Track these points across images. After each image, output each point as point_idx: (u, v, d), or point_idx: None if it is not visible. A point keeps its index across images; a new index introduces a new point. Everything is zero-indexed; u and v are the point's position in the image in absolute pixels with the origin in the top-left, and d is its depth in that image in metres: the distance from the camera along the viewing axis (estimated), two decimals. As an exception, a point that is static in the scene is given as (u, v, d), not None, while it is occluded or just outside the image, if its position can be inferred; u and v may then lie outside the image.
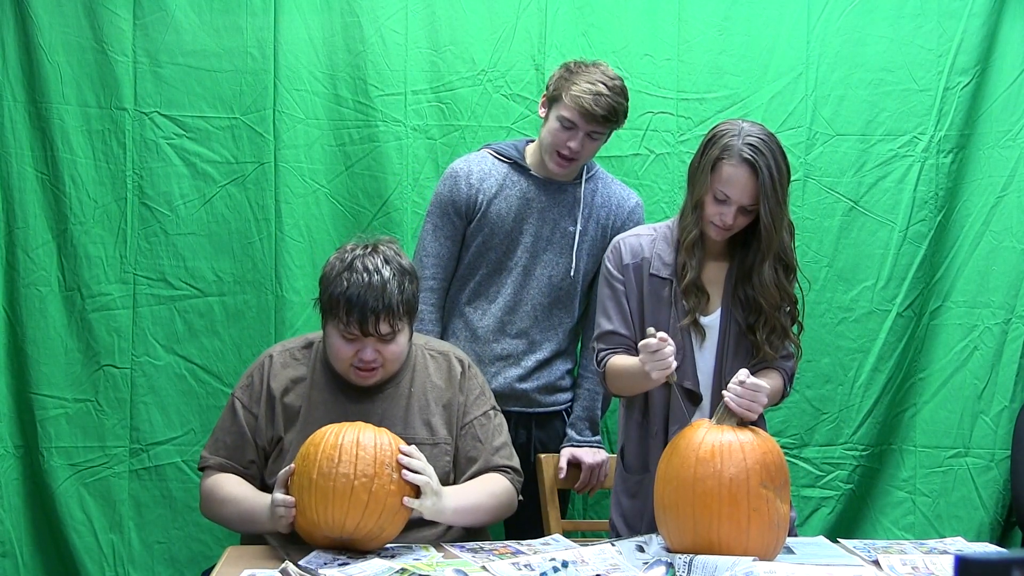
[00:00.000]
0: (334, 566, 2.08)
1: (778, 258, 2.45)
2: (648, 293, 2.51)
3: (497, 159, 2.94)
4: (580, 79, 2.76)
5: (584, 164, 2.90)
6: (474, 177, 2.90)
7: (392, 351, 2.41)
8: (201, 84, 3.14)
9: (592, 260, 2.93)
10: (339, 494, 2.12)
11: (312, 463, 2.15)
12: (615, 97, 2.76)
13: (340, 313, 2.35)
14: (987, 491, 3.27)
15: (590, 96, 2.73)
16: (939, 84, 3.28)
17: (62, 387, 3.10)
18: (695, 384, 2.49)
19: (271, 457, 2.44)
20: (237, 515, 2.37)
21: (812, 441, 3.29)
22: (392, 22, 3.19)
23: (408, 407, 2.47)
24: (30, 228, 3.09)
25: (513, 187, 2.91)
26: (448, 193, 2.91)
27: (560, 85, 2.79)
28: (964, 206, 3.31)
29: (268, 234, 3.16)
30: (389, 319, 2.36)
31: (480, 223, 2.89)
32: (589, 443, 2.91)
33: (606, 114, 2.75)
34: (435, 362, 2.53)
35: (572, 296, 2.94)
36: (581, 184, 2.92)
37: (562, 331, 2.95)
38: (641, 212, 2.99)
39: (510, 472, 2.49)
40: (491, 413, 2.53)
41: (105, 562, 3.10)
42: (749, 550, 2.10)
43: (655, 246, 2.53)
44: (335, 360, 2.43)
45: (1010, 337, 3.29)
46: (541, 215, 2.90)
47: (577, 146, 2.79)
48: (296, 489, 2.18)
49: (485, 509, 2.40)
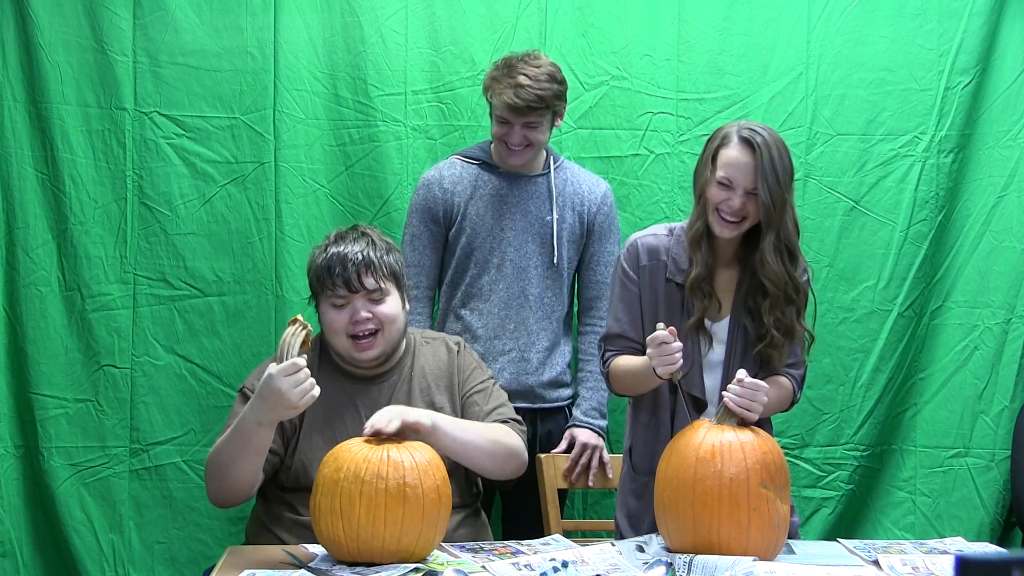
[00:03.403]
0: (347, 569, 2.07)
1: (782, 243, 2.43)
2: (663, 296, 2.51)
3: (465, 162, 3.00)
4: (503, 77, 2.85)
5: (540, 150, 2.95)
6: (446, 182, 2.96)
7: (384, 312, 2.44)
8: (201, 84, 3.14)
9: (573, 247, 3.00)
10: (412, 506, 2.07)
11: (361, 479, 2.07)
12: (538, 85, 2.82)
13: (326, 280, 2.42)
14: (987, 491, 3.26)
15: (511, 91, 2.81)
16: (940, 84, 3.28)
17: (62, 387, 3.10)
18: (701, 392, 2.48)
19: (288, 450, 2.43)
20: (227, 440, 2.29)
21: (813, 441, 3.29)
22: (392, 22, 3.19)
23: (411, 390, 2.51)
24: (30, 228, 3.09)
25: (486, 186, 2.96)
26: (422, 202, 2.97)
27: (488, 87, 2.90)
28: (964, 206, 3.31)
29: (268, 234, 3.16)
30: (372, 273, 2.42)
31: (461, 226, 2.95)
32: (590, 426, 2.94)
33: (531, 104, 2.81)
34: (431, 347, 2.60)
35: (560, 284, 2.98)
36: (551, 174, 2.98)
37: (555, 320, 2.99)
38: (611, 196, 3.05)
39: (508, 422, 2.52)
40: (489, 383, 2.59)
41: (105, 562, 3.10)
42: (749, 550, 2.10)
43: (672, 250, 2.53)
44: (333, 336, 2.45)
45: (1010, 337, 3.29)
46: (518, 208, 2.96)
47: (517, 138, 2.87)
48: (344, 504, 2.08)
49: (477, 446, 2.40)
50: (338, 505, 2.07)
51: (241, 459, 2.29)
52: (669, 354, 2.28)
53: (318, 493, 2.12)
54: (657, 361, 2.30)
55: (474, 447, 2.40)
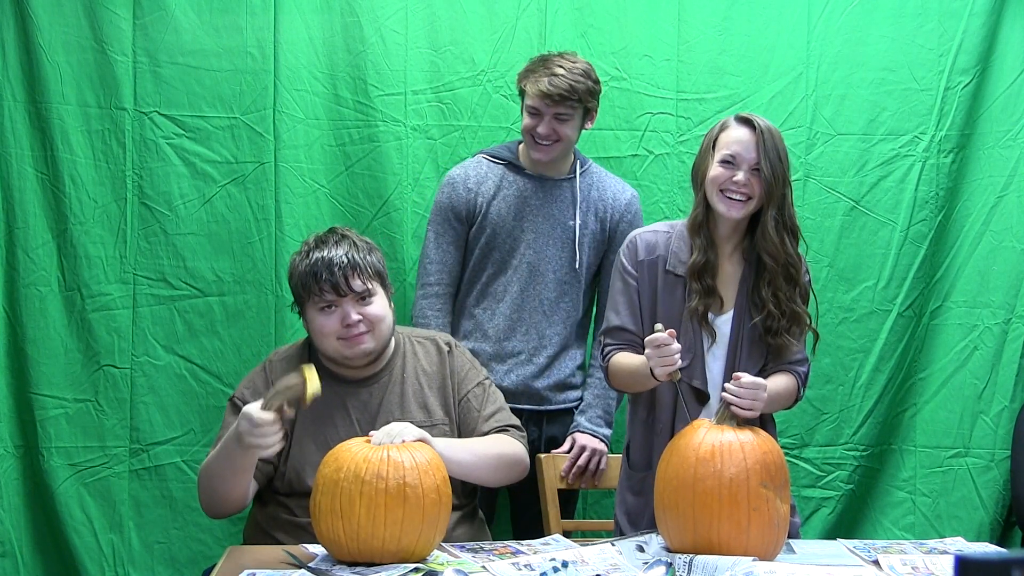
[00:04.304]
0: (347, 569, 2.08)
1: (784, 219, 2.46)
2: (662, 289, 2.52)
3: (492, 161, 3.00)
4: (539, 67, 2.88)
5: (567, 150, 2.95)
6: (471, 181, 2.96)
7: (373, 312, 2.43)
8: (201, 84, 3.14)
9: (594, 253, 2.98)
10: (412, 506, 2.07)
11: (361, 479, 2.06)
12: (573, 77, 2.84)
13: (312, 285, 2.41)
14: (987, 491, 3.26)
15: (546, 79, 2.83)
16: (940, 84, 3.28)
17: (62, 387, 3.09)
18: (703, 383, 2.49)
19: (281, 456, 2.43)
20: (214, 467, 2.31)
21: (812, 441, 3.29)
22: (392, 22, 3.19)
23: (403, 393, 2.50)
24: (30, 228, 3.09)
25: (510, 187, 2.95)
26: (447, 200, 2.97)
27: (523, 77, 2.92)
28: (964, 206, 3.31)
29: (268, 234, 3.15)
30: (359, 275, 2.42)
31: (482, 225, 2.94)
32: (594, 433, 2.93)
33: (564, 93, 2.82)
34: (422, 347, 2.59)
35: (577, 290, 2.98)
36: (576, 179, 2.97)
37: (569, 325, 2.98)
38: (638, 205, 3.04)
39: (508, 430, 2.52)
40: (484, 383, 2.59)
41: (105, 562, 3.10)
42: (749, 550, 2.10)
43: (672, 244, 2.54)
44: (323, 340, 2.44)
45: (1010, 337, 3.29)
46: (540, 211, 2.95)
47: (546, 130, 2.87)
48: (344, 504, 2.07)
49: (478, 466, 2.41)
50: (338, 505, 2.07)
51: (228, 477, 2.32)
52: (668, 355, 2.29)
53: (318, 493, 2.12)
54: (655, 362, 2.31)
55: (476, 467, 2.41)
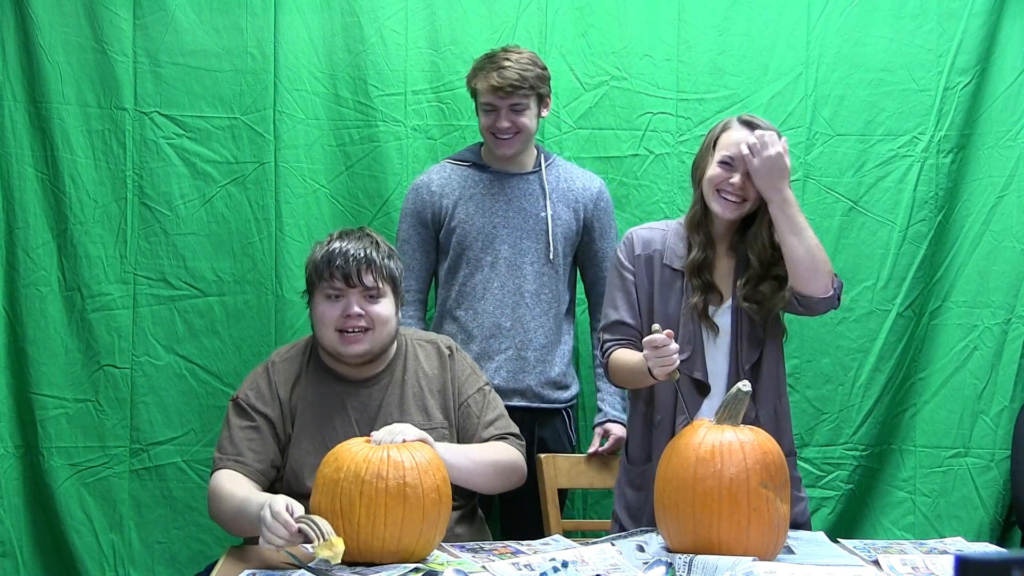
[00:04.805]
0: (347, 569, 2.07)
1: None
2: (659, 284, 2.54)
3: (455, 164, 3.03)
4: (485, 64, 2.92)
5: (529, 140, 2.97)
6: (434, 186, 2.99)
7: (377, 312, 2.43)
8: (201, 84, 3.14)
9: (568, 243, 3.00)
10: (412, 506, 2.07)
11: (361, 478, 2.06)
12: (521, 66, 2.88)
13: (324, 271, 2.41)
14: (987, 491, 3.27)
15: (495, 73, 2.87)
16: (939, 84, 3.28)
17: (62, 387, 3.10)
18: (704, 375, 2.50)
19: (285, 454, 2.43)
20: (230, 511, 2.31)
21: (812, 441, 3.29)
22: (392, 22, 3.19)
23: (403, 395, 2.50)
24: (30, 228, 3.09)
25: (476, 186, 2.98)
26: (412, 206, 3.01)
27: (471, 78, 2.96)
28: (964, 206, 3.31)
29: (268, 234, 3.16)
30: (372, 271, 2.42)
31: (451, 226, 2.97)
32: (620, 420, 2.95)
33: (515, 83, 2.86)
34: (424, 350, 2.58)
35: (556, 280, 2.99)
36: (542, 171, 3.00)
37: (554, 316, 2.98)
38: (607, 193, 3.06)
39: (507, 438, 2.52)
40: (485, 389, 2.58)
41: (105, 562, 3.10)
42: (749, 550, 2.10)
43: (668, 239, 2.56)
44: (322, 329, 2.44)
45: (1010, 337, 3.29)
46: (511, 206, 2.97)
47: (504, 123, 2.89)
48: (344, 504, 2.07)
49: (477, 472, 2.41)
50: (338, 505, 2.07)
51: (235, 527, 2.33)
52: (666, 356, 2.30)
53: (318, 493, 2.12)
54: (654, 363, 2.31)
55: (474, 473, 2.40)
